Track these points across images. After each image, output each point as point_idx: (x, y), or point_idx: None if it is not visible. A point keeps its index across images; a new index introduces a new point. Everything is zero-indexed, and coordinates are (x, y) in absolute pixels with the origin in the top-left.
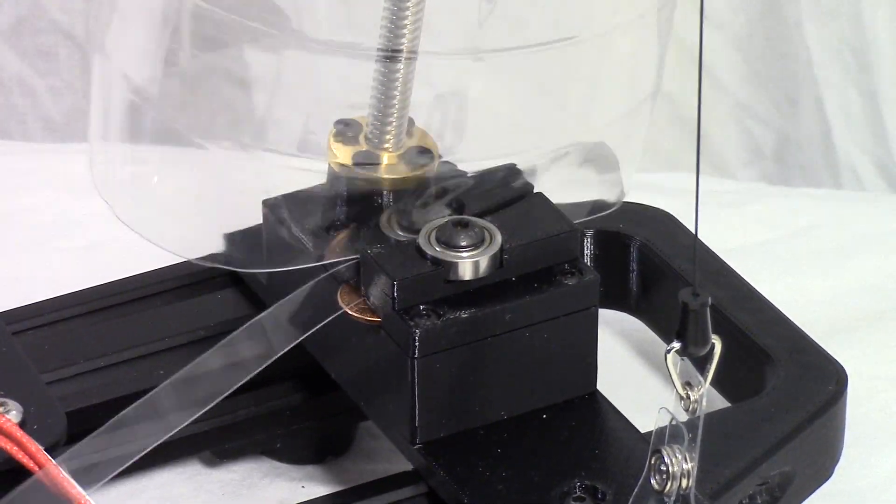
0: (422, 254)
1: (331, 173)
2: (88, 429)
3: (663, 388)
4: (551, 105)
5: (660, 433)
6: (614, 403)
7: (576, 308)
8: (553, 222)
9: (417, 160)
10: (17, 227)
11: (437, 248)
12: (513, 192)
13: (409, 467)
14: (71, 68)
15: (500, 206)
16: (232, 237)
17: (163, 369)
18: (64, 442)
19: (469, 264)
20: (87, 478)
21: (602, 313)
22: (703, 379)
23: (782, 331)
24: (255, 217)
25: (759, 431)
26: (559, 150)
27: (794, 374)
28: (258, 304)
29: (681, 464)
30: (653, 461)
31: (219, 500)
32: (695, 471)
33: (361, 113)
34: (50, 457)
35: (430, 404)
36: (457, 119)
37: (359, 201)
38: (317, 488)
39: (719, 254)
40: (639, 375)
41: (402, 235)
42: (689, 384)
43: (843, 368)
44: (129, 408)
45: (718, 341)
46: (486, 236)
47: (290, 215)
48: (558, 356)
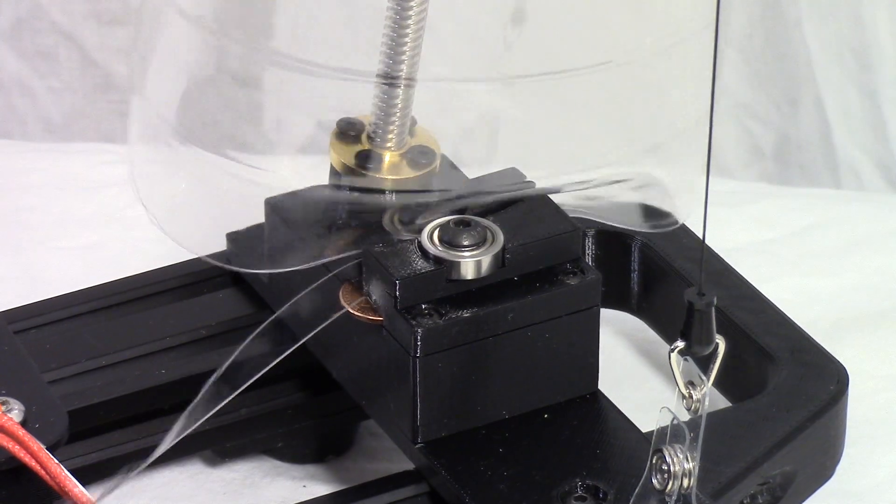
0: (424, 253)
1: (333, 172)
2: (90, 428)
3: (664, 387)
4: (588, 131)
5: (661, 433)
6: (616, 403)
7: (577, 308)
8: (555, 222)
9: (420, 159)
10: (17, 226)
11: (440, 248)
12: (515, 192)
13: (411, 467)
14: (70, 69)
15: (503, 206)
16: (234, 237)
17: (164, 368)
18: (65, 441)
19: (471, 264)
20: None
21: (603, 313)
22: (706, 378)
23: (783, 330)
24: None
25: (760, 431)
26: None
27: (796, 373)
28: (259, 303)
29: (682, 463)
30: (654, 461)
31: (220, 498)
32: (696, 470)
33: (364, 112)
34: (52, 455)
35: (431, 403)
36: (489, 144)
37: (361, 201)
38: (318, 487)
39: (720, 253)
40: (640, 375)
41: (405, 235)
42: (692, 383)
43: (844, 368)
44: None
45: (722, 341)
46: (489, 236)
47: (292, 214)
48: (560, 356)
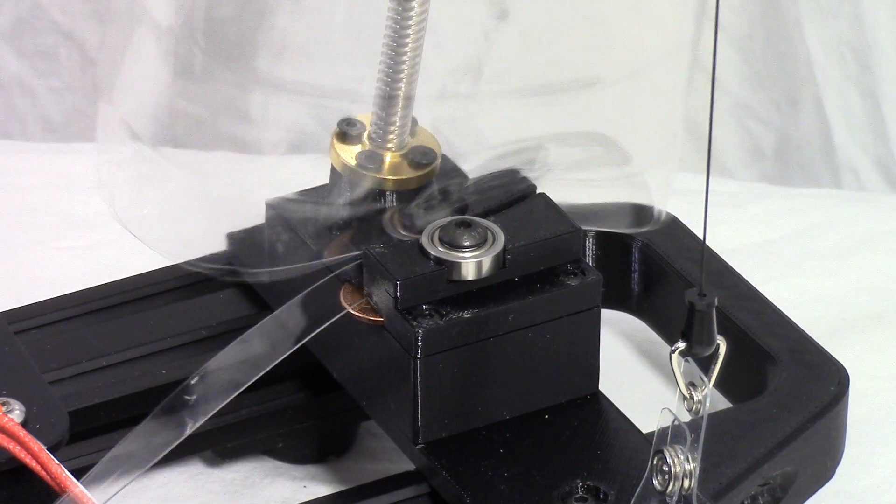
0: (425, 254)
1: (334, 173)
2: (90, 428)
3: (665, 388)
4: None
5: (662, 433)
6: (616, 404)
7: (578, 308)
8: (556, 222)
9: (420, 160)
10: (18, 226)
11: (440, 248)
12: (515, 193)
13: (411, 467)
14: (71, 69)
15: (503, 206)
16: (234, 237)
17: (165, 369)
18: (66, 441)
19: (472, 264)
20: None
21: (604, 314)
22: (707, 379)
23: (784, 331)
24: (257, 219)
25: (760, 432)
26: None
27: (796, 374)
28: (260, 303)
29: (683, 464)
30: (655, 461)
31: (220, 499)
32: (697, 471)
33: (365, 112)
34: (52, 456)
35: (432, 404)
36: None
37: (361, 201)
38: (318, 488)
39: (720, 254)
40: (641, 376)
41: (405, 235)
42: (693, 384)
43: (845, 368)
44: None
45: (723, 342)
46: (489, 236)
47: (293, 215)
48: (561, 356)
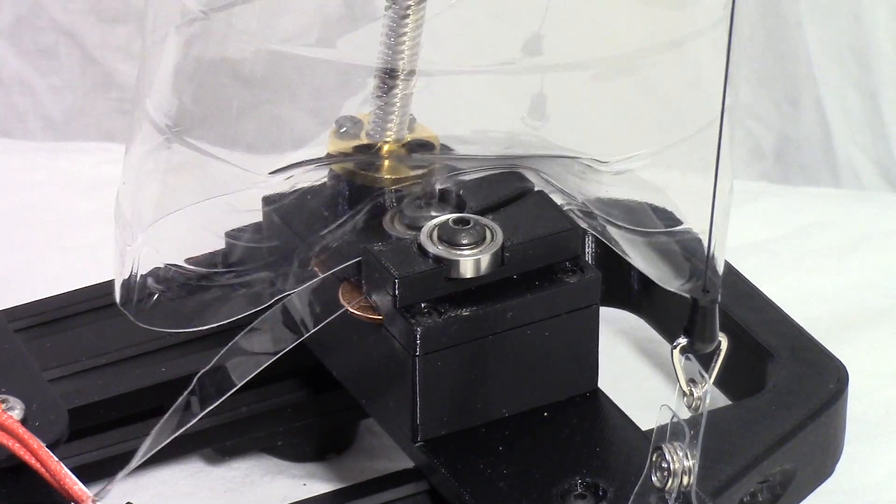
0: (423, 252)
1: (332, 171)
2: (90, 426)
3: (664, 385)
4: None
5: (661, 430)
6: (615, 401)
7: (577, 306)
8: (554, 220)
9: (419, 157)
10: (18, 225)
11: (439, 246)
12: (514, 190)
13: (411, 465)
14: (71, 67)
15: (502, 204)
16: (232, 235)
17: (164, 367)
18: (65, 439)
19: (470, 262)
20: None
21: (603, 311)
22: (708, 376)
23: (783, 329)
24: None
25: (760, 429)
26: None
27: (796, 371)
28: None
29: (682, 461)
30: (654, 458)
31: (220, 497)
32: (696, 468)
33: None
34: (52, 453)
35: (431, 402)
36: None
37: (359, 200)
38: (318, 486)
39: None
40: (640, 373)
41: (404, 233)
42: (693, 381)
43: (844, 366)
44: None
45: (725, 339)
46: (488, 234)
47: (291, 213)
48: (560, 354)
